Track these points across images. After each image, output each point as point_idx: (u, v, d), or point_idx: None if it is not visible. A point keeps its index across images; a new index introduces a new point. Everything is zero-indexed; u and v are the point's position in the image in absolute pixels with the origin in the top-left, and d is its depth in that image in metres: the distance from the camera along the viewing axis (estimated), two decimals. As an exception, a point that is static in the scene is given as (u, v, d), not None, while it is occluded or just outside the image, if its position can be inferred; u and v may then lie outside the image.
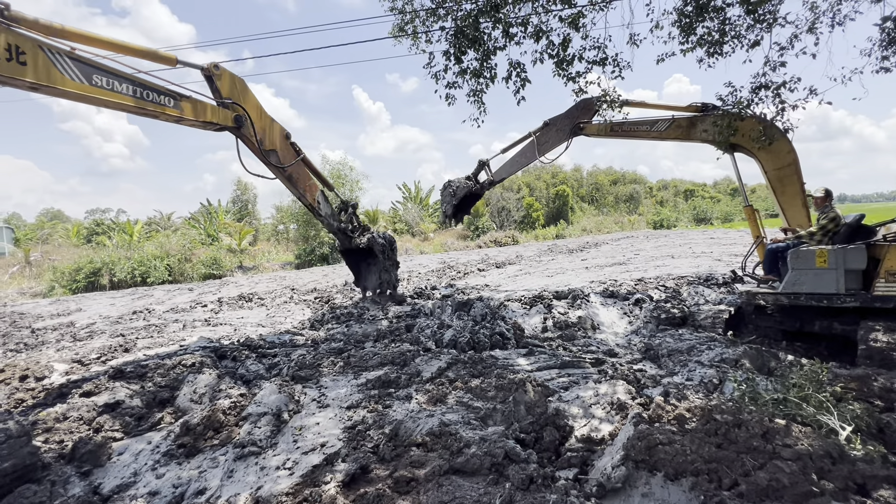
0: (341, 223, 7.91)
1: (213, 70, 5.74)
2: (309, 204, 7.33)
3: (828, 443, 2.55)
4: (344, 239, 8.05)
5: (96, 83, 4.55)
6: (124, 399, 4.13)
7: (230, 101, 5.92)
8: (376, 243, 8.21)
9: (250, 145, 6.34)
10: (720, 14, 5.80)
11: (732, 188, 60.99)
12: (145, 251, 19.67)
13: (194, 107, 5.48)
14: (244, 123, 6.07)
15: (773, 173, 6.11)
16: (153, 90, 5.04)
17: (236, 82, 6.07)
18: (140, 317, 9.64)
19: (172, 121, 5.36)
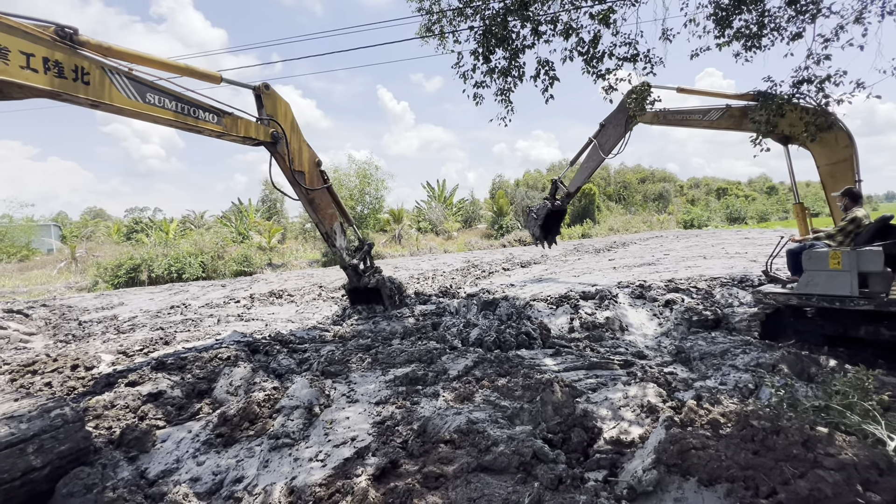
0: (354, 259, 8.00)
1: (263, 90, 6.20)
2: (325, 232, 7.55)
3: (874, 453, 2.44)
4: (353, 276, 8.12)
5: (150, 101, 4.90)
6: (166, 389, 4.34)
7: (270, 119, 6.28)
8: (385, 286, 8.24)
9: (281, 162, 6.64)
10: (759, 6, 5.58)
11: (769, 186, 58.49)
12: (181, 248, 20.48)
13: (235, 123, 5.84)
14: (280, 141, 6.40)
15: (825, 168, 5.84)
16: (199, 107, 5.39)
17: (280, 103, 6.45)
18: (177, 311, 10.06)
19: (215, 136, 5.72)
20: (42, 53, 4.09)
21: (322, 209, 7.38)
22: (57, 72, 4.17)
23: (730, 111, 6.46)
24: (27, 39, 3.98)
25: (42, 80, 4.10)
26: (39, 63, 4.07)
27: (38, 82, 4.07)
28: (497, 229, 33.37)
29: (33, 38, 4.03)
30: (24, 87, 4.03)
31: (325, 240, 7.73)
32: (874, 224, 4.89)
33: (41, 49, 4.09)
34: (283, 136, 6.41)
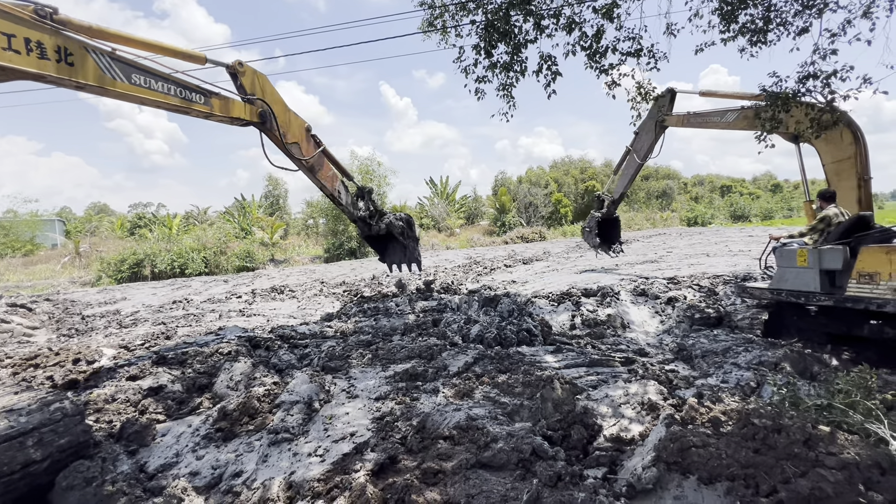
0: (360, 210, 8.13)
1: (237, 67, 6.01)
2: (330, 194, 7.56)
3: (877, 452, 2.42)
4: (363, 227, 8.25)
5: (135, 82, 4.80)
6: (167, 384, 4.35)
7: (255, 98, 6.15)
8: (394, 227, 8.35)
9: (274, 139, 6.55)
10: (765, 0, 5.51)
11: (773, 184, 58.19)
12: (183, 244, 20.54)
13: (223, 103, 5.74)
14: (268, 118, 6.29)
15: (830, 165, 5.80)
16: (186, 88, 5.29)
17: (258, 78, 6.29)
18: (179, 306, 10.09)
19: (202, 116, 5.62)
20: (23, 34, 3.97)
21: (323, 173, 7.35)
22: (39, 53, 4.04)
23: (744, 112, 6.57)
24: (7, 20, 3.86)
25: (26, 61, 3.98)
26: (21, 44, 3.95)
27: (22, 64, 3.96)
28: (499, 226, 33.31)
29: (13, 17, 3.90)
30: (7, 70, 3.93)
31: (332, 199, 7.77)
32: (847, 222, 5.00)
33: (22, 30, 3.96)
34: (270, 113, 6.32)
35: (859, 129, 5.62)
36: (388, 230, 8.28)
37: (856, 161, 5.58)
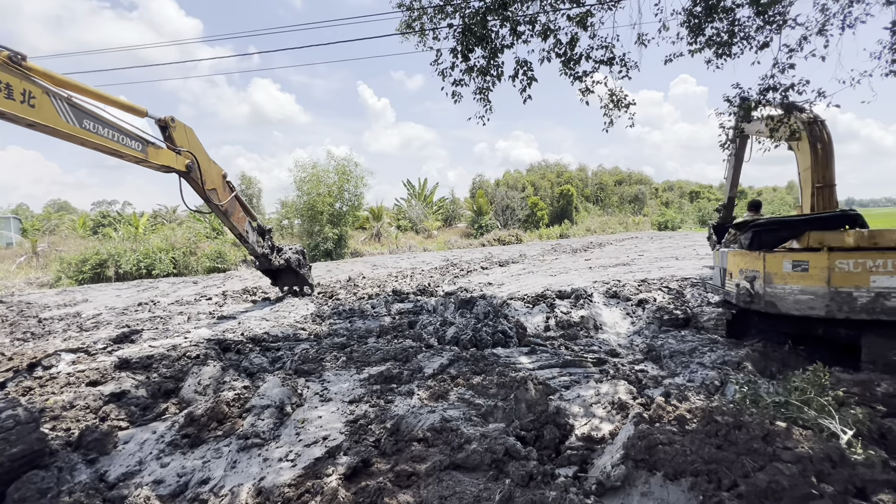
0: (263, 248, 9.03)
1: (169, 122, 6.68)
2: (239, 234, 8.38)
3: (828, 446, 2.55)
4: (264, 261, 9.17)
5: (86, 126, 5.33)
6: (130, 389, 4.19)
7: (184, 149, 6.85)
8: (292, 261, 9.54)
9: (195, 186, 7.24)
10: (729, 15, 5.76)
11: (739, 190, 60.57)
12: (150, 244, 19.79)
13: (157, 152, 6.38)
14: (194, 168, 7.00)
15: (802, 173, 6.09)
16: (128, 135, 5.88)
17: (187, 132, 7.03)
18: (145, 308, 9.72)
19: (135, 162, 6.20)
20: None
21: (234, 216, 8.13)
22: (7, 93, 4.49)
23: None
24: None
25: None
26: (-6, 85, 4.47)
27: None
28: (477, 228, 33.51)
29: (-8, 63, 4.43)
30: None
31: (239, 240, 8.58)
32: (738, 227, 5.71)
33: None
34: (195, 163, 7.00)
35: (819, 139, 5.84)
36: (286, 264, 9.43)
37: (811, 172, 5.87)
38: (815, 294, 4.50)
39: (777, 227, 5.10)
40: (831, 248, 4.47)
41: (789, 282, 4.65)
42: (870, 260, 4.28)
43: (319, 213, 23.37)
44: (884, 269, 4.21)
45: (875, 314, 4.29)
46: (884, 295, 4.23)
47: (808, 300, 4.54)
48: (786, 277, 4.68)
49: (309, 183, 23.75)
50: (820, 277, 4.45)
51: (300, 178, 24.09)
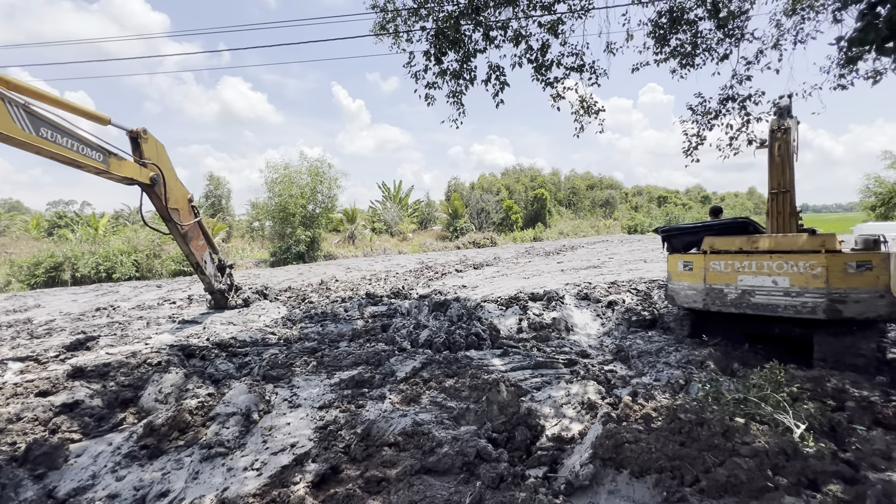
0: (221, 284, 8.67)
1: (141, 133, 6.50)
2: (196, 262, 8.06)
3: (783, 440, 2.67)
4: (221, 299, 8.78)
5: (43, 135, 5.11)
6: (84, 399, 3.96)
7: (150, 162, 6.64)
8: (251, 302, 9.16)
9: (157, 202, 7.01)
10: (693, 27, 6.01)
11: (703, 196, 63.13)
12: (111, 246, 18.90)
13: (119, 163, 6.12)
14: (158, 182, 6.78)
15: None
16: (88, 145, 5.62)
17: (158, 146, 6.83)
18: (104, 314, 9.26)
19: (95, 173, 5.91)
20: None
21: (194, 242, 7.88)
22: None
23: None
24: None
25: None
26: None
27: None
28: (452, 231, 33.59)
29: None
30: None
31: (195, 269, 8.27)
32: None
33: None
34: (161, 178, 6.78)
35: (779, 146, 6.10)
36: (245, 305, 9.01)
37: (770, 175, 6.15)
38: (696, 290, 5.19)
39: (683, 233, 5.78)
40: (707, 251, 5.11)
41: (682, 279, 5.35)
42: (738, 262, 4.84)
43: (291, 214, 22.90)
44: (748, 269, 4.75)
45: (742, 308, 4.85)
46: (749, 292, 4.77)
47: (693, 294, 5.23)
48: (680, 276, 5.37)
49: (281, 184, 23.25)
50: (699, 276, 5.15)
51: (271, 179, 23.56)
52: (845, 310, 4.34)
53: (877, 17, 2.28)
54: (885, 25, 2.22)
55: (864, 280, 4.28)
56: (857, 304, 4.29)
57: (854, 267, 4.31)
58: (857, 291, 4.30)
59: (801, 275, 4.52)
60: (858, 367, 4.32)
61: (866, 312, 4.27)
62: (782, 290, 4.61)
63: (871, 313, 4.26)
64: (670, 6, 6.04)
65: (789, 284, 4.57)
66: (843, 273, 4.34)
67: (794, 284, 4.54)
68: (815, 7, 5.94)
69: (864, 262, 4.29)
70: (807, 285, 4.48)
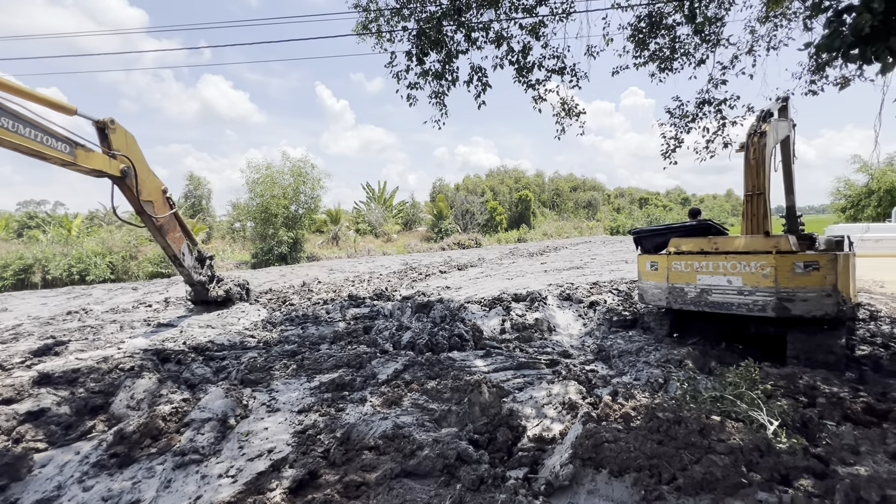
0: (201, 276, 8.44)
1: (108, 124, 6.22)
2: (174, 255, 7.83)
3: (757, 437, 2.72)
4: (201, 291, 8.56)
5: (3, 125, 4.90)
6: (50, 406, 3.81)
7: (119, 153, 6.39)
8: (233, 293, 8.93)
9: (129, 195, 6.78)
10: (671, 32, 6.13)
11: (682, 198, 64.54)
12: (84, 247, 18.31)
13: (87, 155, 5.88)
14: (129, 175, 6.54)
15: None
16: (53, 136, 5.41)
17: (127, 137, 6.57)
18: (75, 317, 8.95)
19: (62, 165, 5.67)
20: None
21: (170, 234, 7.66)
22: None
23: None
24: None
25: None
26: None
27: None
28: (437, 232, 33.56)
29: None
30: None
31: (173, 262, 8.04)
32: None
33: None
34: (132, 170, 6.55)
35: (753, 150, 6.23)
36: (226, 296, 8.79)
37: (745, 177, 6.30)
38: (661, 288, 5.45)
39: (653, 235, 6.05)
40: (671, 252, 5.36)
41: (650, 279, 5.61)
42: (696, 262, 5.10)
43: (273, 215, 22.54)
44: (706, 269, 5.01)
45: (700, 306, 5.10)
46: (706, 291, 5.02)
47: (658, 293, 5.49)
48: (648, 275, 5.64)
49: (262, 185, 22.87)
50: (663, 275, 5.40)
51: (253, 179, 23.15)
52: (793, 308, 4.52)
53: (843, 25, 2.35)
54: (850, 33, 2.29)
55: (811, 280, 4.46)
56: (804, 303, 4.47)
57: (802, 267, 4.49)
58: (804, 290, 4.48)
59: (752, 274, 4.72)
60: (829, 365, 4.45)
61: (813, 311, 4.45)
62: (736, 289, 4.82)
63: (817, 311, 4.43)
64: (649, 11, 6.16)
65: (742, 283, 4.78)
66: (792, 273, 4.52)
67: (746, 284, 4.76)
68: (787, 15, 6.13)
69: (811, 262, 4.48)
70: (758, 284, 4.68)
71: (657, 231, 6.14)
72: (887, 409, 3.27)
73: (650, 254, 5.86)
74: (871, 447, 2.74)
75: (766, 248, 4.77)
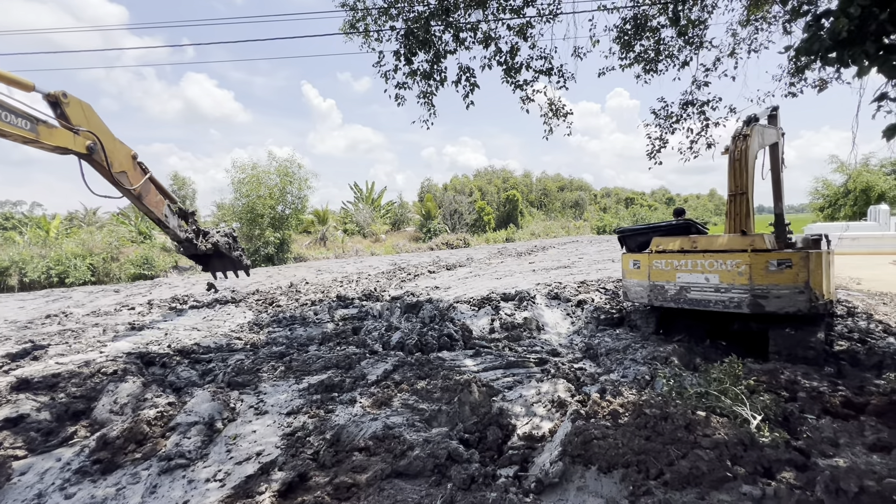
0: (187, 233, 8.36)
1: (60, 98, 5.90)
2: (157, 219, 7.69)
3: (741, 431, 2.78)
4: (189, 247, 8.51)
5: None
6: (30, 412, 3.71)
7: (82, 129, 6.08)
8: (221, 244, 8.88)
9: (101, 170, 6.51)
10: (656, 34, 6.22)
11: (667, 197, 65.55)
12: (64, 249, 17.86)
13: (50, 131, 5.60)
14: (97, 150, 6.27)
15: None
16: (12, 112, 5.12)
17: (84, 108, 6.27)
18: (54, 321, 8.72)
19: (23, 142, 5.41)
20: None
21: (150, 199, 7.48)
22: None
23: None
24: None
25: None
26: None
27: None
28: (425, 232, 33.53)
29: None
30: None
31: (158, 224, 7.91)
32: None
33: None
34: (98, 144, 6.28)
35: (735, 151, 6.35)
36: (215, 248, 8.72)
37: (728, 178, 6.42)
38: (643, 286, 5.60)
39: (636, 234, 6.25)
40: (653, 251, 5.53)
41: (632, 277, 5.79)
42: (676, 260, 5.27)
43: (260, 216, 22.29)
44: (685, 268, 5.19)
45: (680, 303, 5.29)
46: (685, 288, 5.20)
47: (640, 291, 5.66)
48: (631, 273, 5.81)
49: (248, 185, 22.59)
50: (645, 273, 5.57)
51: (238, 179, 22.86)
52: (767, 304, 4.66)
53: (821, 29, 2.42)
54: (828, 37, 2.35)
55: (784, 277, 4.59)
56: (777, 300, 4.61)
57: (775, 265, 4.63)
58: (777, 288, 4.61)
59: (728, 272, 4.87)
60: (809, 360, 4.57)
61: (786, 307, 4.58)
62: (713, 287, 4.98)
63: (790, 308, 4.57)
64: (634, 13, 6.26)
65: (719, 281, 4.94)
66: (765, 271, 4.66)
67: (722, 281, 4.91)
68: (767, 19, 6.28)
69: (784, 260, 4.61)
70: (733, 282, 4.83)
71: (640, 230, 6.29)
72: (864, 403, 3.38)
73: (634, 252, 5.99)
74: (849, 439, 2.82)
75: (742, 247, 4.90)
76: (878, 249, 15.72)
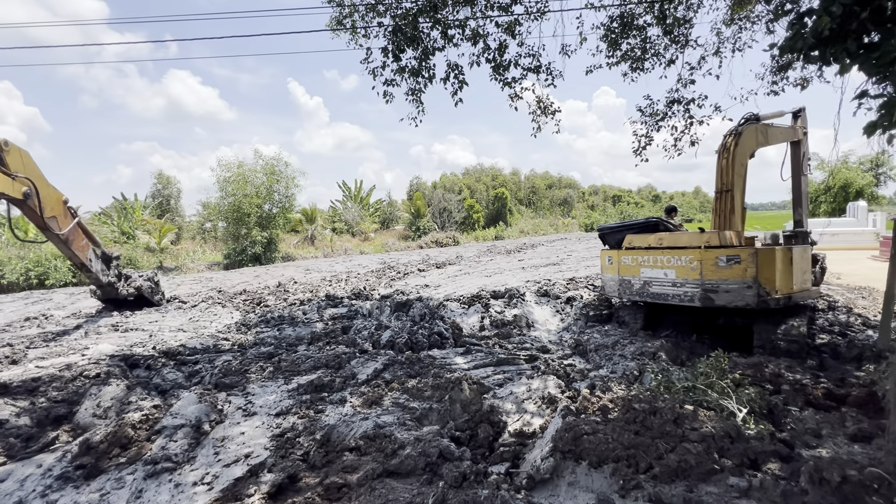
0: (109, 277, 8.50)
1: (2, 146, 6.08)
2: (81, 263, 7.81)
3: (727, 424, 2.82)
4: (111, 290, 8.64)
5: None
6: (8, 418, 3.61)
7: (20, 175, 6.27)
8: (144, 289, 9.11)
9: (32, 215, 6.66)
10: (642, 33, 6.27)
11: (653, 195, 66.36)
12: (43, 250, 17.41)
13: None
14: (32, 196, 6.44)
15: None
16: None
17: (23, 156, 6.46)
18: (34, 324, 8.50)
19: None
20: None
21: (75, 244, 7.62)
22: None
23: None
24: None
25: None
26: None
27: None
28: (414, 231, 33.44)
29: None
30: None
31: (80, 269, 8.06)
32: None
33: None
34: (34, 190, 6.45)
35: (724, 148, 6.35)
36: (137, 293, 8.97)
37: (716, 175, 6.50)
38: (615, 281, 5.91)
39: (614, 231, 6.52)
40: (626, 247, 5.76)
41: (607, 272, 6.12)
42: (640, 256, 5.54)
43: (246, 215, 21.97)
44: (647, 263, 5.48)
45: (644, 297, 5.57)
46: (648, 283, 5.47)
47: (613, 285, 5.96)
48: (606, 269, 6.13)
49: (234, 183, 22.25)
50: (616, 269, 5.88)
51: (224, 178, 22.49)
52: (717, 298, 4.84)
53: (804, 28, 2.46)
54: (811, 35, 2.39)
55: (733, 272, 4.75)
56: (727, 294, 4.78)
57: (724, 261, 4.78)
58: (726, 283, 4.78)
59: (683, 268, 5.08)
60: (792, 353, 4.66)
61: (735, 301, 4.75)
62: (670, 282, 5.22)
63: (739, 302, 4.73)
64: (621, 12, 6.30)
65: (675, 276, 5.17)
66: (715, 266, 4.82)
67: (678, 276, 5.13)
68: (751, 18, 6.37)
69: (733, 256, 4.75)
70: (687, 277, 5.04)
71: (617, 228, 6.54)
72: (845, 394, 3.46)
73: (612, 249, 6.19)
74: (831, 430, 2.88)
75: (697, 244, 5.07)
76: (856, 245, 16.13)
